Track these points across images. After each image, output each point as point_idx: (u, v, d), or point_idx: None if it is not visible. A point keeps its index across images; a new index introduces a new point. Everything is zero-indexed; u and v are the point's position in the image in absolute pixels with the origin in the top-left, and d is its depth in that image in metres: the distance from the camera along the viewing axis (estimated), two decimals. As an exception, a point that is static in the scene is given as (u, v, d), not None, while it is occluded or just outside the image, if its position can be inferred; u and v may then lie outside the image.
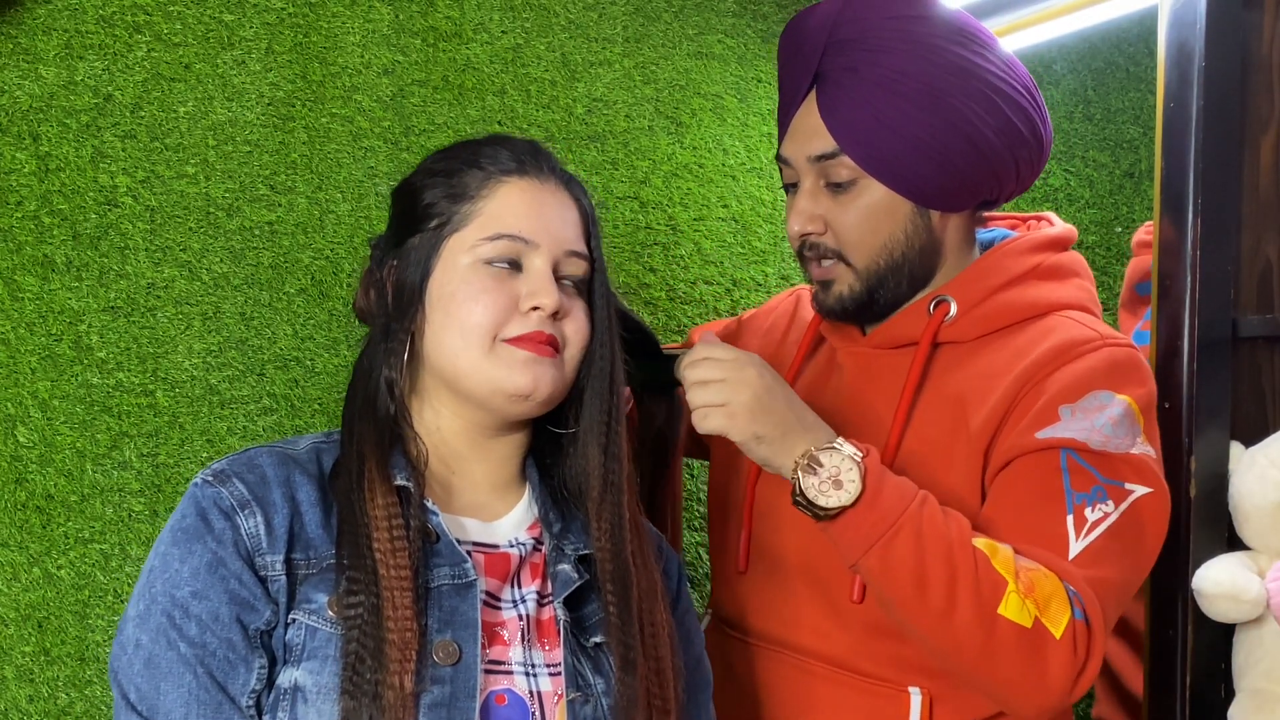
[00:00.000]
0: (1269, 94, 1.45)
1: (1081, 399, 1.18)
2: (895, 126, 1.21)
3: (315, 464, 1.10)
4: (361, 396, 1.11)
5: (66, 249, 1.48)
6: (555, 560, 1.12)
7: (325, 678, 1.00)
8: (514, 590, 1.10)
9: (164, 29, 1.53)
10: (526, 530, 1.14)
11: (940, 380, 1.27)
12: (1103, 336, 1.22)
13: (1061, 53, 2.03)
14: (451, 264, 1.09)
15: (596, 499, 1.12)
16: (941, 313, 1.27)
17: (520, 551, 1.12)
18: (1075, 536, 1.14)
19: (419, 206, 1.12)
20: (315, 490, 1.08)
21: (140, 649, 1.01)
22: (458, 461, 1.14)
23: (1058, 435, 1.17)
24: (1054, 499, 1.16)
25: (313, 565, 1.04)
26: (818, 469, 1.12)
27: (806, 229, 1.27)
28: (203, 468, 1.14)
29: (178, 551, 1.03)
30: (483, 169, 1.11)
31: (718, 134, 1.85)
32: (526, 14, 1.72)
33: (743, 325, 1.55)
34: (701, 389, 1.15)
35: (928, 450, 1.24)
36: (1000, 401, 1.21)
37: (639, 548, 1.13)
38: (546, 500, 1.15)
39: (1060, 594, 1.12)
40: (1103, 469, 1.16)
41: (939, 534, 1.12)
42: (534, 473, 1.17)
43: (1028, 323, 1.26)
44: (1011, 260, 1.29)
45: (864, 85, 1.22)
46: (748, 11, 1.87)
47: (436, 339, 1.09)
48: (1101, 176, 2.05)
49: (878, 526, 1.12)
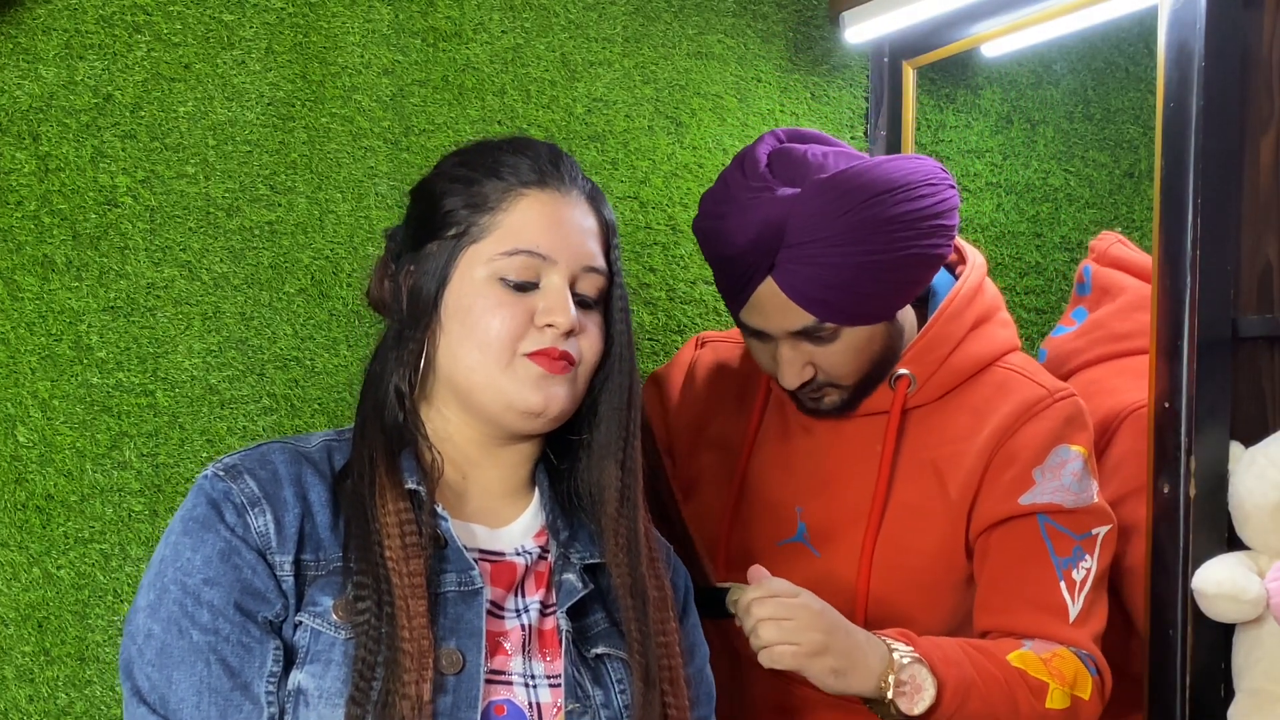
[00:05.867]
0: (1269, 94, 1.45)
1: (1047, 458, 1.37)
2: (864, 290, 1.32)
3: (327, 462, 1.09)
4: (372, 401, 1.10)
5: (66, 249, 1.48)
6: (560, 569, 1.11)
7: (328, 682, 1.00)
8: (518, 600, 1.10)
9: (164, 29, 1.53)
10: (533, 538, 1.13)
11: (913, 445, 1.41)
12: (1050, 393, 1.40)
13: (1061, 53, 2.02)
14: (468, 275, 1.08)
15: (613, 515, 1.12)
16: (903, 385, 1.41)
17: (526, 560, 1.11)
18: (1071, 600, 1.35)
19: (438, 212, 1.10)
20: (326, 490, 1.07)
21: (152, 639, 1.00)
22: (469, 467, 1.13)
23: (1036, 501, 1.36)
24: (1044, 568, 1.35)
25: (321, 567, 1.04)
26: (904, 687, 1.24)
27: (802, 378, 1.37)
28: (203, 468, 1.14)
29: (189, 540, 1.02)
30: (503, 179, 1.10)
31: (718, 134, 1.85)
32: (526, 14, 1.72)
33: (660, 384, 1.60)
34: (772, 627, 1.21)
35: (909, 512, 1.39)
36: (974, 468, 1.38)
37: (650, 560, 1.13)
38: (555, 507, 1.14)
39: (1079, 665, 1.33)
40: (1075, 527, 1.36)
41: (989, 676, 1.29)
42: (544, 479, 1.16)
43: (980, 375, 1.43)
44: (953, 325, 1.42)
45: (826, 270, 1.30)
46: (748, 11, 1.87)
47: (452, 352, 1.09)
48: (1101, 176, 2.05)
49: (953, 700, 1.26)
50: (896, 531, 1.39)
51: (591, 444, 1.14)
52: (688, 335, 1.82)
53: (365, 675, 0.98)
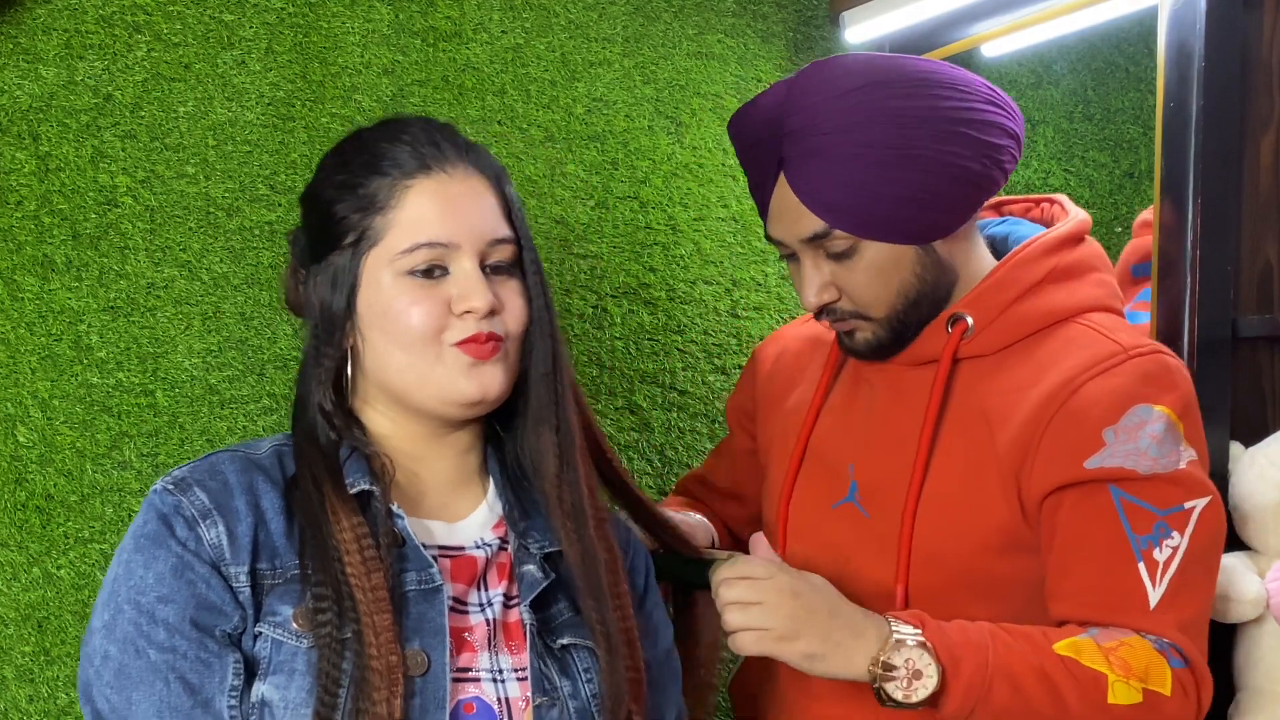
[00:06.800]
0: (1269, 94, 1.45)
1: (1122, 418, 1.18)
2: (876, 192, 1.21)
3: (278, 468, 1.08)
4: (302, 425, 1.09)
5: (66, 249, 1.48)
6: (521, 560, 1.10)
7: (293, 693, 0.98)
8: (481, 594, 1.09)
9: (164, 29, 1.53)
10: (491, 529, 1.12)
11: (964, 397, 1.27)
12: (1125, 348, 1.21)
13: (1061, 53, 2.02)
14: (375, 281, 1.06)
15: (554, 480, 1.11)
16: (959, 329, 1.26)
17: (486, 553, 1.10)
18: (1152, 585, 1.17)
19: (332, 221, 1.08)
20: (279, 497, 1.06)
21: (109, 660, 0.99)
22: (417, 463, 1.12)
23: (1106, 465, 1.17)
24: (1119, 550, 1.17)
25: (278, 575, 1.03)
26: (894, 673, 1.12)
27: (822, 299, 1.26)
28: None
29: (141, 558, 1.01)
30: (387, 174, 1.07)
31: (718, 134, 1.85)
32: (526, 14, 1.72)
33: (753, 361, 1.54)
34: (739, 611, 1.14)
35: (956, 468, 1.25)
36: (1028, 422, 1.21)
37: (598, 523, 1.12)
38: (510, 496, 1.13)
39: (1154, 657, 1.15)
40: (1157, 500, 1.17)
41: (1026, 664, 1.14)
42: (495, 465, 1.15)
43: (1049, 331, 1.26)
44: (1025, 269, 1.27)
45: (833, 164, 1.21)
46: (748, 11, 1.87)
47: (379, 358, 1.07)
48: (1101, 176, 2.05)
49: (971, 691, 1.13)
50: (943, 489, 1.25)
51: (526, 412, 1.12)
52: (688, 335, 1.83)
53: (330, 689, 0.97)
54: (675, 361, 1.82)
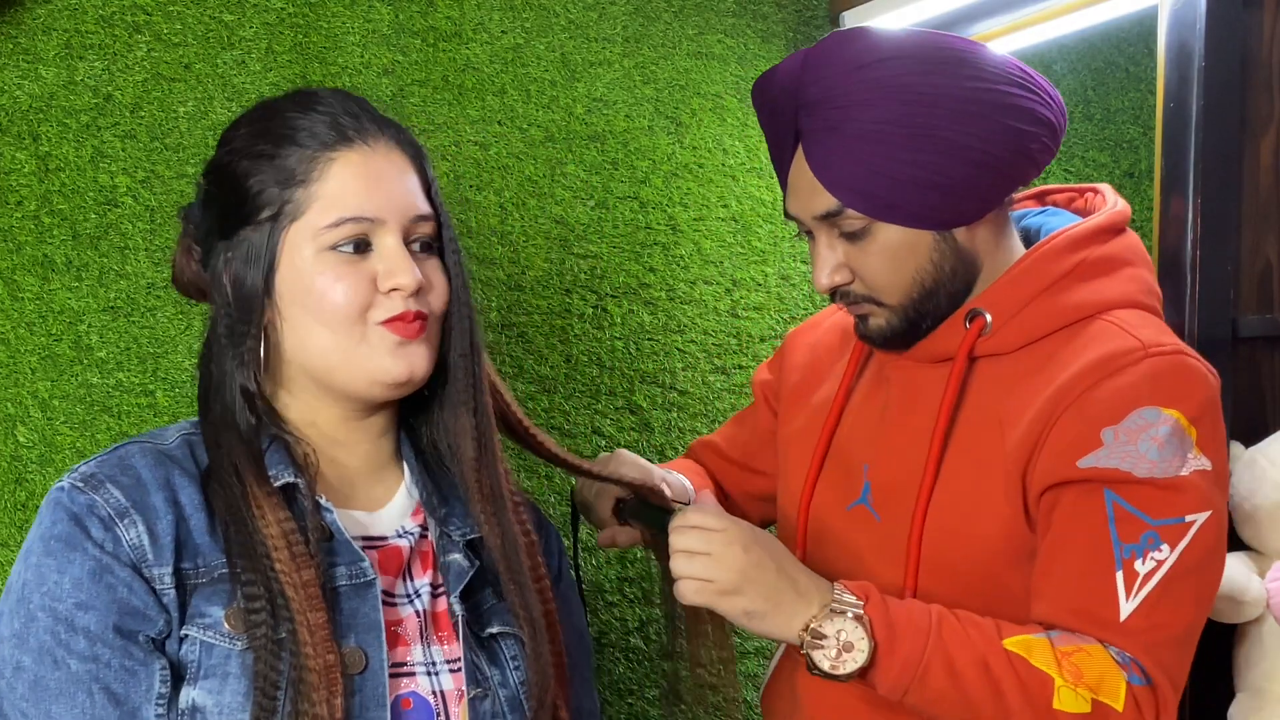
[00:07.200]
0: (1269, 94, 1.45)
1: (1124, 420, 1.11)
2: (892, 172, 1.16)
3: (191, 460, 1.02)
4: (219, 407, 1.03)
5: (66, 249, 1.48)
6: (445, 549, 1.08)
7: (227, 697, 0.94)
8: (407, 584, 1.06)
9: (164, 29, 1.53)
10: (411, 516, 1.09)
11: (979, 397, 1.21)
12: (1144, 346, 1.14)
13: (1061, 53, 2.02)
14: (296, 256, 1.01)
15: (472, 463, 1.08)
16: (977, 326, 1.21)
17: (409, 541, 1.07)
18: (1126, 597, 1.11)
19: (246, 195, 1.02)
20: (197, 491, 1.00)
21: (23, 672, 0.93)
22: (336, 450, 1.07)
23: (1100, 465, 1.11)
24: (1100, 556, 1.11)
25: (203, 575, 0.97)
26: (823, 641, 1.09)
27: (834, 280, 1.22)
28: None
29: (53, 562, 0.94)
30: (304, 145, 1.02)
31: (718, 134, 1.85)
32: (526, 14, 1.72)
33: (788, 343, 1.50)
34: (686, 560, 1.12)
35: (967, 473, 1.20)
36: (1036, 420, 1.15)
37: (515, 507, 1.10)
38: (426, 481, 1.10)
39: (1110, 668, 1.09)
40: (1152, 509, 1.11)
41: (970, 654, 1.10)
42: (409, 450, 1.11)
43: (1072, 329, 1.19)
44: (1050, 262, 1.20)
45: (848, 141, 1.17)
46: (748, 11, 1.87)
47: (299, 338, 1.03)
48: (1101, 176, 2.05)
49: (905, 671, 1.09)
50: (952, 495, 1.19)
51: (443, 394, 1.09)
52: (688, 335, 1.83)
53: (268, 692, 0.93)
54: (675, 361, 1.82)
